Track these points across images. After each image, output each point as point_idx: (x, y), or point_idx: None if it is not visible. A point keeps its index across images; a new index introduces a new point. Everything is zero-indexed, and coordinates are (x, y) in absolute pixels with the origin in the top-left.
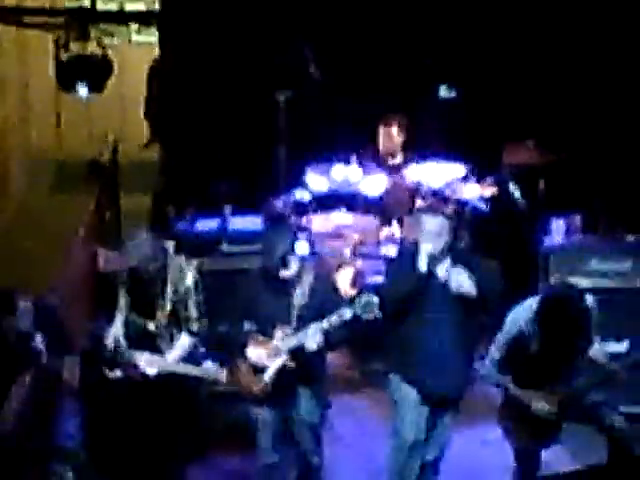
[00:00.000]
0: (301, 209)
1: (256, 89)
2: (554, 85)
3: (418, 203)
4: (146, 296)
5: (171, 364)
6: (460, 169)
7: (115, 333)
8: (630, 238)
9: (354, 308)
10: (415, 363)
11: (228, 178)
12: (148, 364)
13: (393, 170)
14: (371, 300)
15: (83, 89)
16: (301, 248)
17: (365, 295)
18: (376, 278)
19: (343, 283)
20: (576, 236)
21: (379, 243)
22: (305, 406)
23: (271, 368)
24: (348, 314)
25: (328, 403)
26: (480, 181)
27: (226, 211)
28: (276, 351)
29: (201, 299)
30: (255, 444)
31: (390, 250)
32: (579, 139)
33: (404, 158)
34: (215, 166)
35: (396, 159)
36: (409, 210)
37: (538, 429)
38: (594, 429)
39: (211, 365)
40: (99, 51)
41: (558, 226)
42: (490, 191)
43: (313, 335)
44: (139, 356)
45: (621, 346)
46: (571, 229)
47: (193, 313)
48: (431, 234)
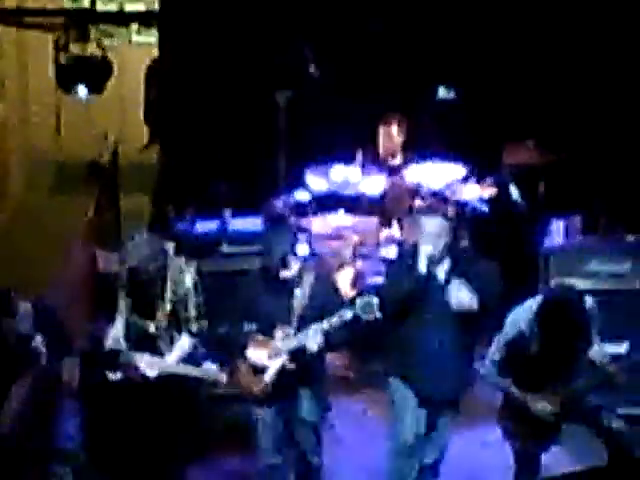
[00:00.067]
0: (301, 210)
1: (256, 90)
2: (554, 85)
3: (418, 204)
4: (146, 297)
5: (171, 365)
6: (460, 170)
7: (115, 334)
8: (630, 239)
9: (354, 309)
10: (414, 364)
11: (228, 179)
12: (148, 366)
13: (393, 171)
14: (371, 301)
15: (83, 90)
16: (301, 249)
17: (365, 296)
18: (376, 279)
19: (343, 284)
20: (576, 237)
21: (379, 244)
22: (305, 406)
23: (271, 369)
24: (348, 315)
25: (328, 405)
26: (480, 182)
27: (226, 212)
28: (276, 352)
29: (201, 300)
30: (255, 445)
31: (390, 251)
32: (579, 139)
33: (404, 159)
34: (215, 167)
35: (396, 160)
36: (409, 211)
37: (538, 431)
38: (594, 431)
39: (211, 366)
40: (99, 52)
41: (558, 227)
42: (490, 192)
43: (313, 336)
44: (139, 358)
45: (621, 347)
46: (571, 230)
47: (192, 314)
48: (430, 235)
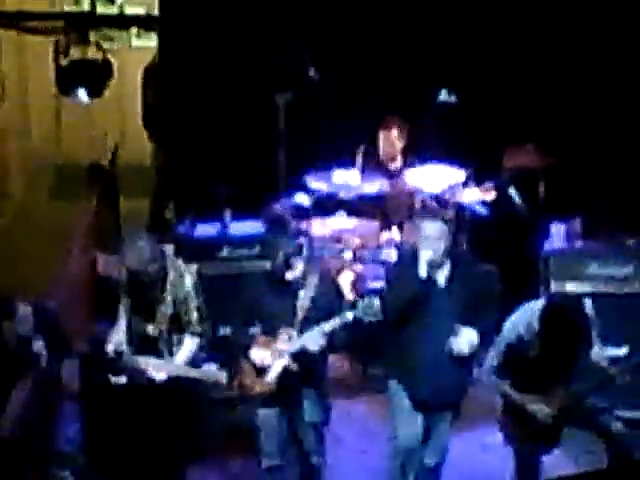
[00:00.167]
0: (301, 213)
1: (256, 92)
2: (554, 89)
3: (417, 208)
4: (146, 299)
5: (179, 367)
6: (460, 173)
7: (117, 338)
8: (630, 242)
9: (356, 311)
10: (414, 368)
11: (227, 181)
12: (155, 369)
13: (393, 174)
14: (373, 303)
15: (83, 93)
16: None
17: (367, 298)
18: (376, 282)
19: (343, 287)
20: (576, 241)
21: (379, 247)
22: (308, 407)
23: (274, 370)
24: (350, 317)
25: (328, 405)
26: (480, 185)
27: (226, 215)
28: (279, 353)
29: (201, 302)
30: (257, 448)
31: (390, 254)
32: (579, 143)
33: (404, 162)
34: (214, 170)
35: (396, 163)
36: (409, 214)
37: (537, 433)
38: (593, 433)
39: (211, 367)
40: (99, 56)
41: (558, 230)
42: (490, 195)
43: (316, 337)
44: (145, 361)
45: (621, 351)
46: (571, 233)
47: (194, 316)
48: (430, 239)
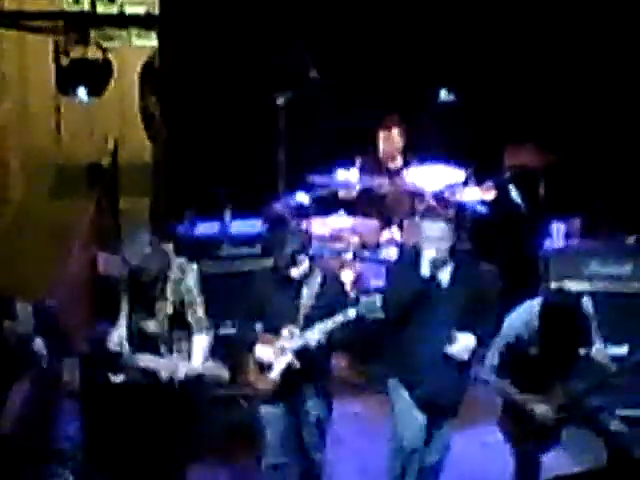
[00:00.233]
0: (301, 212)
1: (256, 91)
2: (554, 88)
3: (419, 207)
4: (147, 298)
5: (181, 365)
6: (460, 172)
7: (118, 336)
8: (629, 241)
9: (358, 308)
10: (415, 368)
11: (227, 181)
12: (158, 367)
13: (393, 173)
14: (375, 301)
15: (83, 93)
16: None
17: (369, 296)
18: (376, 281)
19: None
20: (576, 239)
21: (379, 246)
22: (310, 404)
23: (277, 367)
24: (352, 314)
25: (331, 401)
26: (480, 184)
27: (226, 214)
28: (282, 350)
29: (203, 299)
30: (259, 446)
31: (390, 253)
32: (579, 142)
33: (404, 161)
34: (214, 169)
35: (396, 162)
36: (409, 213)
37: (537, 432)
38: (594, 432)
39: (213, 363)
40: (99, 55)
41: (558, 229)
42: (490, 195)
43: (318, 334)
44: (148, 359)
45: (621, 349)
46: (571, 232)
47: (201, 313)
48: (433, 239)
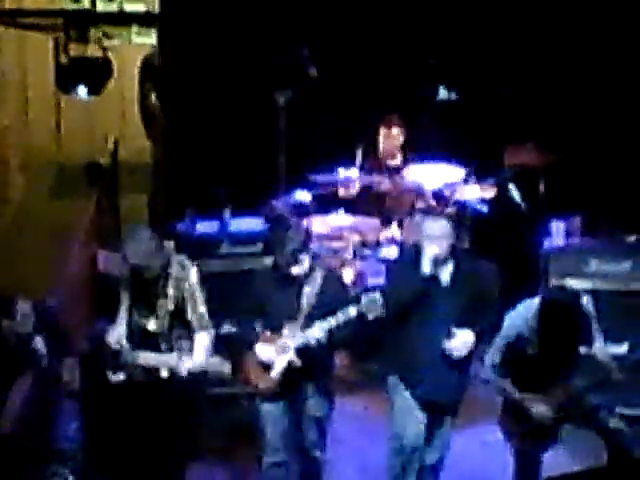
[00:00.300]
0: (301, 210)
1: (256, 90)
2: (554, 86)
3: (419, 205)
4: (148, 295)
5: (182, 361)
6: (459, 171)
7: (118, 335)
8: (629, 240)
9: (359, 307)
10: (416, 366)
11: (228, 179)
12: (159, 365)
13: (393, 172)
14: (376, 299)
15: (83, 91)
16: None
17: (370, 294)
18: (376, 279)
19: None
20: (576, 238)
21: (379, 244)
22: (312, 402)
23: (278, 365)
24: (353, 312)
25: (332, 399)
26: (480, 183)
27: (226, 213)
28: (283, 348)
29: (204, 297)
30: (258, 446)
31: (390, 252)
32: (579, 141)
33: (404, 159)
34: (214, 167)
35: (396, 160)
36: (409, 212)
37: (537, 431)
38: (594, 431)
39: (215, 358)
40: (99, 53)
41: (558, 228)
42: (490, 193)
43: (319, 333)
44: (149, 357)
45: (620, 348)
46: (571, 231)
47: (203, 310)
48: (434, 237)
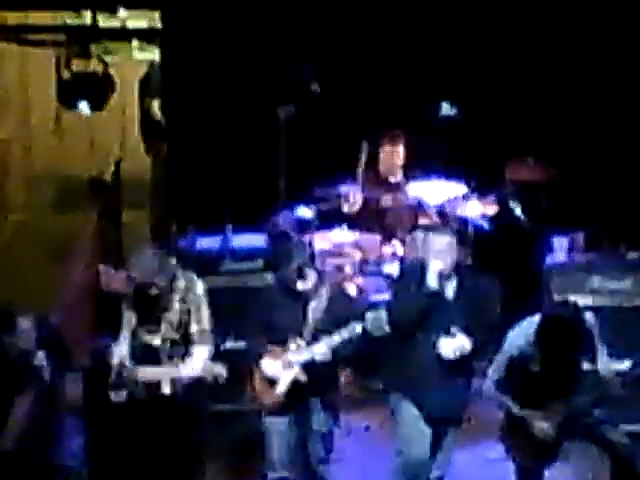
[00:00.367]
0: (303, 227)
1: (257, 105)
2: (556, 102)
3: (422, 221)
4: (152, 311)
5: (177, 371)
6: (461, 187)
7: (120, 351)
8: (632, 256)
9: (364, 323)
10: (421, 381)
11: (229, 196)
12: (156, 376)
13: (394, 187)
14: (381, 316)
15: (84, 106)
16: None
17: (375, 311)
18: (378, 295)
19: None
20: (578, 254)
21: (381, 260)
22: (317, 417)
23: (284, 380)
24: (358, 329)
25: (337, 414)
26: (482, 198)
27: (228, 229)
28: (289, 363)
29: (209, 312)
30: (262, 463)
31: (392, 268)
32: (581, 156)
33: (405, 175)
34: (216, 183)
35: (397, 176)
36: (411, 227)
37: (540, 447)
38: (596, 447)
39: (210, 363)
40: (100, 68)
41: (560, 244)
42: (492, 209)
43: (324, 349)
44: (145, 370)
45: (623, 364)
46: (573, 247)
47: (207, 324)
48: (439, 252)
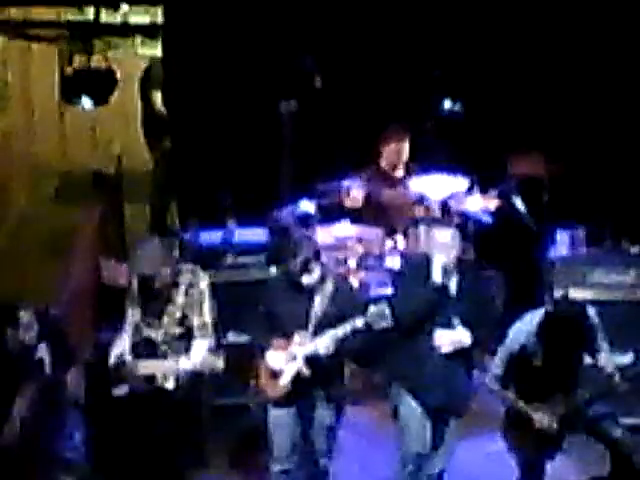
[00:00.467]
0: (306, 221)
1: (260, 100)
2: (559, 97)
3: (425, 215)
4: (155, 304)
5: (174, 364)
6: (464, 181)
7: (122, 345)
8: (634, 250)
9: (367, 317)
10: (424, 375)
11: (232, 189)
12: (154, 369)
13: (397, 182)
14: (384, 310)
15: (87, 102)
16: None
17: (378, 304)
18: (380, 290)
19: None
20: (580, 248)
21: (383, 255)
22: (320, 408)
23: (287, 373)
24: (360, 323)
25: (342, 407)
26: (484, 193)
27: (230, 223)
28: (293, 356)
29: (214, 305)
30: (266, 455)
31: (395, 262)
32: (584, 151)
33: (408, 170)
34: (219, 177)
35: (400, 171)
36: (413, 222)
37: (541, 442)
38: (597, 441)
39: (208, 354)
40: (103, 64)
41: (562, 238)
42: (494, 203)
43: (328, 342)
44: (144, 364)
45: (624, 358)
46: (575, 241)
47: (207, 318)
48: (443, 246)
